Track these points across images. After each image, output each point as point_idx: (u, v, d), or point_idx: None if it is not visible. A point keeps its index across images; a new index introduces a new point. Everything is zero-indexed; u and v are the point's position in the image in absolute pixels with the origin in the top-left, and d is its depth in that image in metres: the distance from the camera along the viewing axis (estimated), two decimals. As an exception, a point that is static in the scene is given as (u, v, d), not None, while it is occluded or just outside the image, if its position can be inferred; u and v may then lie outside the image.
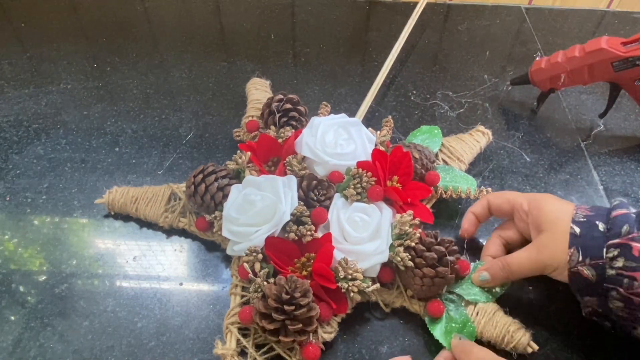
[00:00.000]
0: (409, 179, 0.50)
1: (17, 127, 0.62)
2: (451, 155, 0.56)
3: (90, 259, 0.49)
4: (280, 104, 0.54)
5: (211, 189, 0.47)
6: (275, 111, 0.54)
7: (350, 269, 0.42)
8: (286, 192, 0.46)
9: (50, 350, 0.42)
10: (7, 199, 0.53)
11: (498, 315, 0.42)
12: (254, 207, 0.45)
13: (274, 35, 0.78)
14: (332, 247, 0.43)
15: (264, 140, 0.52)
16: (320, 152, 0.49)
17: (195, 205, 0.48)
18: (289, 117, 0.55)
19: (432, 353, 0.42)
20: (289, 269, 0.43)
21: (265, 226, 0.44)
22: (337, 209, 0.46)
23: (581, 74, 0.58)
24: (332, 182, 0.48)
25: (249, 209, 0.45)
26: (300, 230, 0.44)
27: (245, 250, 0.44)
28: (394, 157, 0.49)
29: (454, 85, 0.69)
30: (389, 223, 0.46)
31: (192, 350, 0.42)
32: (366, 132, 0.53)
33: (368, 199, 0.47)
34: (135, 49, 0.74)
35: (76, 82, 0.68)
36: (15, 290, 0.46)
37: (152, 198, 0.51)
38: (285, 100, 0.55)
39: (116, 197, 0.51)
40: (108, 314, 0.44)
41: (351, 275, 0.41)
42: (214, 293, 0.46)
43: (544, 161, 0.59)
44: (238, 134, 0.59)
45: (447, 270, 0.42)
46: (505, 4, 0.86)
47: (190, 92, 0.67)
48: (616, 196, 0.55)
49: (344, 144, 0.51)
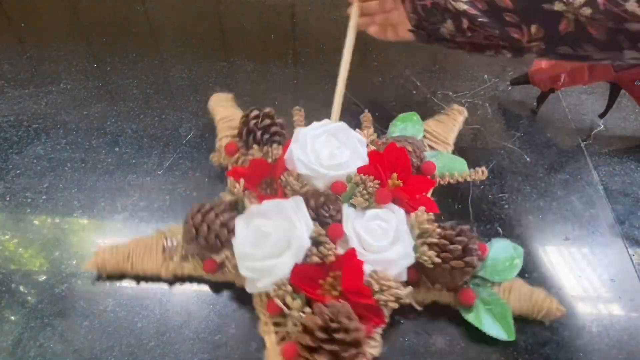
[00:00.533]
0: (409, 173, 0.49)
1: (17, 127, 0.62)
2: (437, 140, 0.57)
3: (90, 259, 0.49)
4: (259, 120, 0.51)
5: (214, 228, 0.44)
6: (256, 129, 0.51)
7: (382, 280, 0.41)
8: (298, 216, 0.44)
9: (50, 350, 0.42)
10: (7, 199, 0.53)
11: (524, 288, 0.44)
12: (269, 238, 0.42)
13: (274, 35, 0.78)
14: (360, 262, 0.42)
15: (256, 165, 0.49)
16: (317, 166, 0.47)
17: (198, 247, 0.45)
18: (271, 133, 0.51)
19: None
20: (319, 293, 0.42)
21: (286, 256, 0.42)
22: (351, 220, 0.45)
23: (581, 74, 0.58)
24: (337, 193, 0.47)
25: (264, 241, 0.43)
26: (321, 251, 0.42)
27: (272, 285, 0.41)
28: (390, 154, 0.49)
29: (454, 85, 0.69)
30: (405, 224, 0.45)
31: (192, 350, 0.42)
32: (354, 134, 0.51)
33: (376, 203, 0.46)
34: (135, 49, 0.74)
35: (76, 82, 0.68)
36: (15, 290, 0.46)
37: (145, 249, 0.47)
38: (262, 116, 0.52)
39: (105, 258, 0.46)
40: (108, 314, 0.44)
41: (385, 286, 0.41)
42: (214, 293, 0.46)
43: (544, 161, 0.59)
44: (216, 160, 0.55)
45: (474, 259, 0.42)
46: (505, 4, 0.86)
47: (190, 92, 0.67)
48: (616, 196, 0.56)
49: (337, 152, 0.49)
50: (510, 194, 0.55)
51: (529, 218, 0.53)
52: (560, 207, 0.54)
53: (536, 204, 0.54)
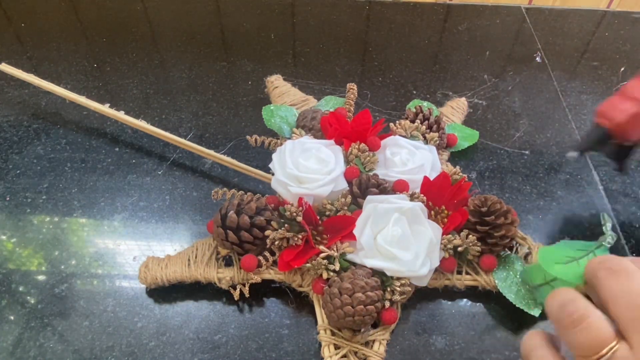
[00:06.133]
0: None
1: (17, 127, 0.62)
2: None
3: (90, 259, 0.49)
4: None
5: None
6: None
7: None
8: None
9: (50, 350, 0.42)
10: (7, 199, 0.53)
11: None
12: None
13: (274, 35, 0.78)
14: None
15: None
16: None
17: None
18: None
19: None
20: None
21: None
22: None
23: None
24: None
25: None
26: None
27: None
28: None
29: (454, 85, 0.69)
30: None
31: (192, 350, 0.42)
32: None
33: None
34: (135, 49, 0.74)
35: (76, 82, 0.68)
36: (15, 290, 0.46)
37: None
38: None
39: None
40: (108, 314, 0.44)
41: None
42: (214, 293, 0.46)
43: (544, 161, 0.59)
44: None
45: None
46: (505, 4, 0.86)
47: (190, 92, 0.67)
48: (616, 196, 0.56)
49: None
50: (510, 194, 0.55)
51: (529, 218, 0.53)
52: (560, 207, 0.54)
53: (536, 204, 0.54)
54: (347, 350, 0.40)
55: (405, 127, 0.53)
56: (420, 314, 0.45)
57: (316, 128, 0.53)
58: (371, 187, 0.45)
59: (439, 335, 0.44)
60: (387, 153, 0.50)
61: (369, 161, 0.49)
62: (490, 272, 0.45)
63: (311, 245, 0.43)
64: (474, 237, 0.44)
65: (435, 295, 0.46)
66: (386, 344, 0.42)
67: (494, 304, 0.45)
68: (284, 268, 0.43)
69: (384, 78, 0.70)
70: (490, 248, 0.45)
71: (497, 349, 0.43)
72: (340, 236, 0.43)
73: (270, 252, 0.45)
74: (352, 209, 0.45)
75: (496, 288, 0.44)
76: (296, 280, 0.44)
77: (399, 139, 0.51)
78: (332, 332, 0.41)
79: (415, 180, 0.47)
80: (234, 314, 0.45)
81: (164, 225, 0.51)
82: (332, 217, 0.44)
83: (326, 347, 0.40)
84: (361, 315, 0.38)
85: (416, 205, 0.43)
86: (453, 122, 0.61)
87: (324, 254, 0.42)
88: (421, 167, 0.49)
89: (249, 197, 0.46)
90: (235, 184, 0.55)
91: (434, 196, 0.46)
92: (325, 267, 0.41)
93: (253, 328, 0.44)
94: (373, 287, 0.40)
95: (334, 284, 0.40)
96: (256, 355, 0.42)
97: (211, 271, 0.45)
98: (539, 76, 0.72)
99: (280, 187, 0.47)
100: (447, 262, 0.44)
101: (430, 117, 0.55)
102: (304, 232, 0.43)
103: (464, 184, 0.46)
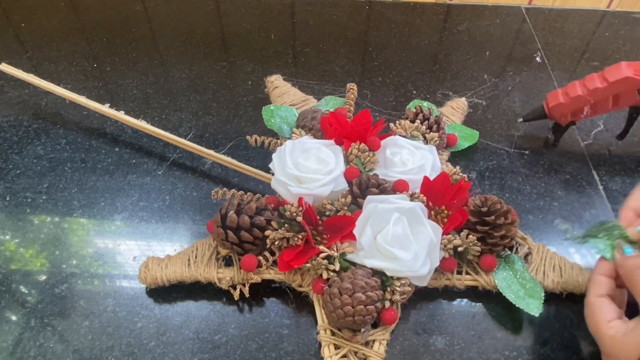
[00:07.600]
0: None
1: (17, 127, 0.62)
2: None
3: (90, 259, 0.49)
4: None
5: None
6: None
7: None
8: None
9: (50, 350, 0.42)
10: (7, 199, 0.53)
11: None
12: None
13: (274, 35, 0.78)
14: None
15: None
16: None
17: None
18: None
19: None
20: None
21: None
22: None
23: (605, 105, 0.56)
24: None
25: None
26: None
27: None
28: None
29: (454, 85, 0.69)
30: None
31: (192, 350, 0.42)
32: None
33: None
34: (135, 49, 0.74)
35: (76, 82, 0.68)
36: (15, 290, 0.46)
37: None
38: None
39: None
40: (108, 314, 0.44)
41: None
42: (214, 293, 0.46)
43: (544, 161, 0.59)
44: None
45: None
46: (505, 4, 0.86)
47: (190, 92, 0.67)
48: (616, 196, 0.56)
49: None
50: (510, 194, 0.55)
51: (529, 218, 0.53)
52: (560, 207, 0.54)
53: (536, 204, 0.54)
54: (347, 350, 0.40)
55: (405, 127, 0.53)
56: (420, 314, 0.45)
57: (316, 128, 0.53)
58: (371, 187, 0.45)
59: (439, 335, 0.44)
60: (387, 153, 0.50)
61: (369, 161, 0.49)
62: (490, 272, 0.45)
63: (311, 245, 0.43)
64: (474, 237, 0.44)
65: (435, 295, 0.46)
66: (386, 344, 0.42)
67: (494, 304, 0.45)
68: (284, 268, 0.43)
69: (384, 78, 0.70)
70: (490, 248, 0.45)
71: (497, 349, 0.43)
72: (340, 236, 0.43)
73: (270, 252, 0.45)
74: (352, 209, 0.45)
75: (496, 288, 0.44)
76: (296, 280, 0.44)
77: (399, 139, 0.51)
78: (332, 332, 0.41)
79: (415, 180, 0.47)
80: (234, 314, 0.45)
81: (164, 225, 0.51)
82: (332, 217, 0.44)
83: (326, 347, 0.40)
84: (361, 315, 0.38)
85: (416, 205, 0.43)
86: (453, 122, 0.61)
87: (324, 254, 0.42)
88: (421, 167, 0.49)
89: (249, 197, 0.46)
90: (235, 184, 0.55)
91: (434, 196, 0.46)
92: (325, 267, 0.41)
93: (253, 328, 0.44)
94: (373, 287, 0.40)
95: (334, 284, 0.40)
96: (256, 355, 0.42)
97: (211, 271, 0.45)
98: (539, 76, 0.72)
99: (280, 187, 0.47)
100: (447, 262, 0.44)
101: (430, 117, 0.55)
102: (304, 232, 0.43)
103: (464, 184, 0.46)
